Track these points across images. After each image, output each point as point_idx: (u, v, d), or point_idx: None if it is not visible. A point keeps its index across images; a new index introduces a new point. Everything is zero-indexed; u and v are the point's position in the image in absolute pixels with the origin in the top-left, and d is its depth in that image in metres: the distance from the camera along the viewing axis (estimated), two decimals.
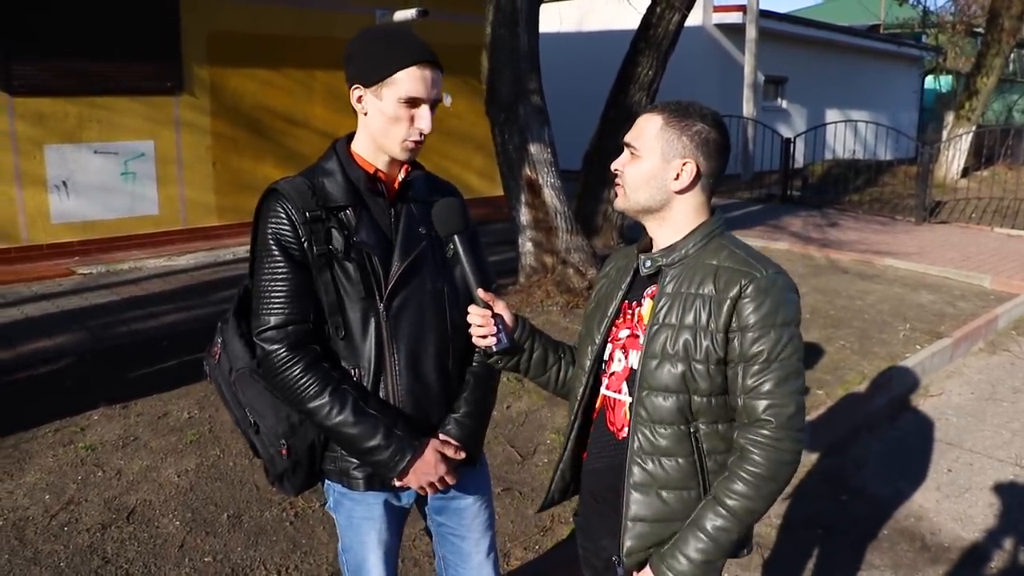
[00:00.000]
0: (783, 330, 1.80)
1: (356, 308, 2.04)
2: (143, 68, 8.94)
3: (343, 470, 2.13)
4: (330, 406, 1.98)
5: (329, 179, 2.07)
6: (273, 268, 2.00)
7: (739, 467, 1.81)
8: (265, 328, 2.00)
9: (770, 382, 1.79)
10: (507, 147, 7.37)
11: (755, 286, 1.80)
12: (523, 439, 4.65)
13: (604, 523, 2.03)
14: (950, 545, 4.04)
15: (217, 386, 2.18)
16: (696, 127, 1.88)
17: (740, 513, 1.80)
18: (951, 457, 4.99)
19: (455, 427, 2.17)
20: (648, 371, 1.88)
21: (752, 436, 1.80)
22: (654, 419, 1.88)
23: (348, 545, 2.22)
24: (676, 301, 1.88)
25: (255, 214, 2.07)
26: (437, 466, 2.09)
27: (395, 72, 1.99)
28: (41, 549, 3.46)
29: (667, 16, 8.30)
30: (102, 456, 4.28)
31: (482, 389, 2.24)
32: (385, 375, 2.07)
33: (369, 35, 2.09)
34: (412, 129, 2.04)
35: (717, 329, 1.82)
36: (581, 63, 16.76)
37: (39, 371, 5.47)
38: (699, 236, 1.91)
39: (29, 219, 8.41)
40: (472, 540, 2.30)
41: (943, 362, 6.57)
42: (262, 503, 3.86)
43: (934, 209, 13.14)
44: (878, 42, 23.34)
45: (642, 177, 1.91)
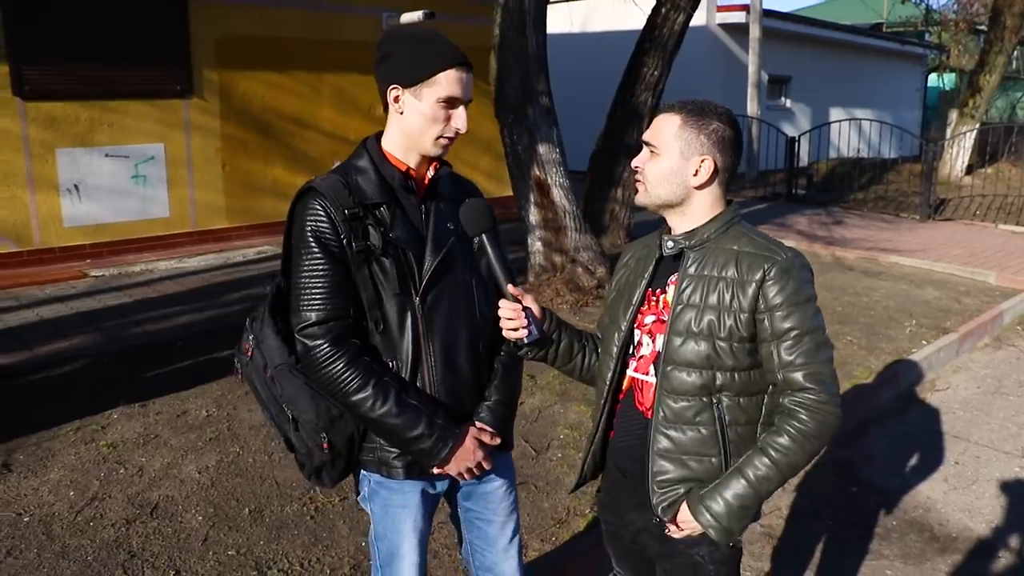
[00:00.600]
0: (807, 306, 1.94)
1: (393, 303, 2.10)
2: (153, 72, 9.02)
3: (383, 460, 2.19)
4: (374, 399, 2.04)
5: (363, 177, 2.12)
6: (313, 264, 2.04)
7: (787, 423, 1.93)
8: (307, 324, 2.04)
9: (805, 354, 1.92)
10: (516, 148, 7.43)
11: (778, 268, 1.93)
12: (537, 434, 4.72)
13: (631, 496, 2.13)
14: (958, 536, 4.10)
15: (250, 383, 2.22)
16: (712, 125, 1.99)
17: (782, 465, 1.92)
18: (958, 450, 5.05)
19: (488, 414, 2.25)
20: (672, 348, 2.00)
21: (799, 399, 1.92)
22: (678, 392, 1.99)
23: (382, 534, 2.27)
24: (699, 283, 1.99)
25: (290, 212, 2.12)
26: (475, 452, 2.17)
27: (436, 73, 2.05)
28: (68, 543, 3.53)
29: (672, 16, 8.36)
30: (123, 453, 4.36)
31: (511, 377, 2.32)
32: (422, 367, 2.14)
33: (403, 37, 2.15)
34: (448, 127, 2.11)
35: (742, 310, 1.94)
36: (587, 63, 16.83)
37: (56, 372, 5.54)
38: (719, 223, 2.04)
39: (42, 222, 8.50)
40: (498, 524, 2.37)
41: (949, 357, 6.63)
42: (283, 498, 3.93)
43: (938, 206, 13.19)
44: (881, 40, 23.37)
45: (662, 174, 2.01)
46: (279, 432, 2.21)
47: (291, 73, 10.07)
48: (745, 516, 1.95)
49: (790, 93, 20.28)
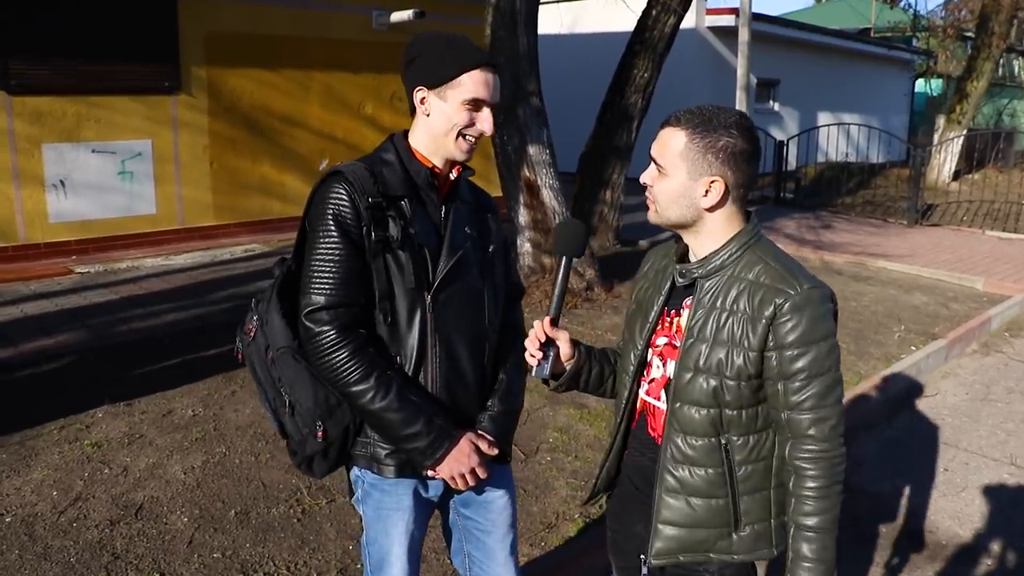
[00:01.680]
0: (820, 345, 1.83)
1: (404, 297, 2.08)
2: (141, 68, 8.96)
3: (374, 456, 2.15)
4: (375, 391, 2.01)
5: (389, 169, 2.12)
6: (330, 247, 2.02)
7: (802, 488, 1.87)
8: (315, 308, 2.01)
9: (812, 398, 1.84)
10: (506, 148, 7.41)
11: (790, 304, 1.82)
12: (526, 437, 4.69)
13: (642, 511, 2.08)
14: (947, 543, 4.10)
15: (250, 364, 2.20)
16: (721, 142, 1.85)
17: (826, 526, 1.86)
18: (947, 457, 5.05)
19: (489, 423, 2.22)
20: (682, 384, 1.92)
21: (803, 454, 1.86)
22: (686, 431, 1.93)
23: (373, 538, 2.24)
24: (711, 315, 1.90)
25: (312, 194, 2.10)
26: (471, 457, 2.13)
27: (460, 75, 2.05)
28: (51, 545, 3.48)
29: (663, 19, 8.36)
30: (108, 453, 4.31)
31: (514, 389, 2.30)
32: (426, 364, 2.12)
33: (430, 39, 2.13)
34: (472, 130, 2.10)
35: (751, 348, 1.85)
36: (577, 64, 16.82)
37: (41, 369, 5.48)
38: (734, 247, 1.92)
39: (27, 218, 8.42)
40: (498, 536, 2.34)
41: (938, 363, 6.65)
42: (269, 500, 3.89)
43: (926, 212, 13.25)
44: (869, 45, 23.47)
45: (671, 195, 1.91)
46: (274, 417, 2.17)
47: (280, 71, 10.02)
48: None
49: (778, 97, 20.32)
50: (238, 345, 2.23)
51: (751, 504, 1.96)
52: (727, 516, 1.95)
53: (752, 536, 1.97)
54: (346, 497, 3.90)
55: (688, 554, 1.98)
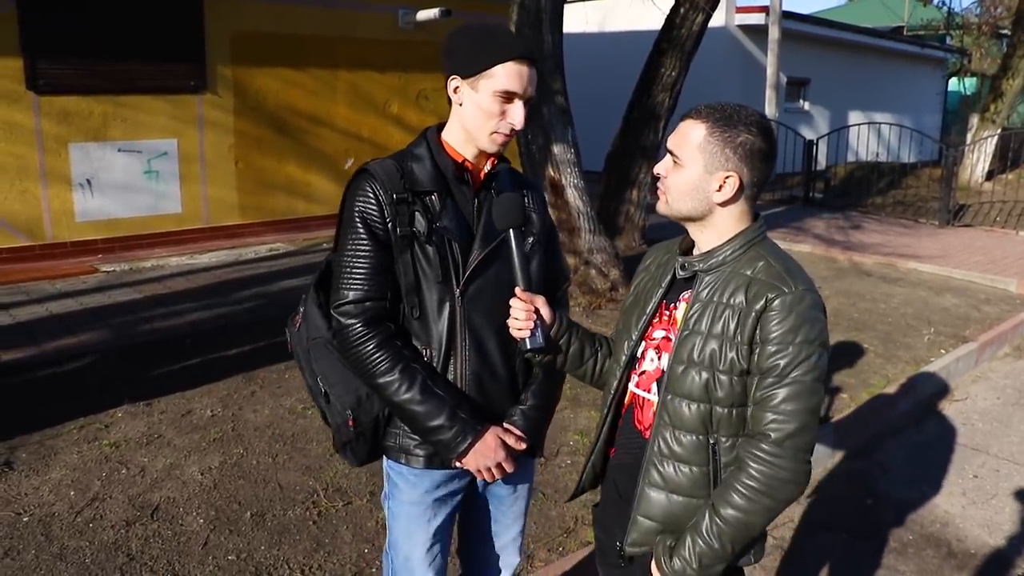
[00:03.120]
0: (802, 347, 1.78)
1: (433, 291, 2.09)
2: (167, 67, 8.99)
3: (404, 447, 2.18)
4: (399, 383, 2.04)
5: (418, 164, 2.12)
6: (356, 245, 2.06)
7: (736, 478, 1.82)
8: (343, 302, 2.06)
9: (778, 397, 1.78)
10: (530, 147, 7.36)
11: (781, 301, 1.80)
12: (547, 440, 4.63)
13: (619, 517, 2.05)
14: (976, 552, 4.00)
15: (295, 353, 2.26)
16: (740, 138, 1.84)
17: (734, 524, 1.80)
18: (977, 463, 4.93)
19: (521, 417, 2.22)
20: (675, 376, 1.90)
21: (751, 449, 1.81)
22: (676, 425, 1.90)
23: (395, 540, 2.27)
24: (708, 309, 1.88)
25: (344, 192, 2.13)
26: (496, 451, 2.12)
27: (493, 65, 2.02)
28: (67, 545, 3.48)
29: (691, 17, 8.27)
30: (126, 453, 4.31)
31: (550, 382, 2.28)
32: (455, 357, 2.13)
33: (469, 29, 2.12)
34: (503, 123, 2.07)
35: (742, 341, 1.82)
36: (603, 63, 16.73)
37: (63, 368, 5.50)
38: (738, 244, 1.91)
39: (54, 217, 8.48)
40: (504, 523, 2.38)
41: (968, 366, 6.51)
42: (285, 502, 3.87)
43: (958, 212, 13.03)
44: (901, 44, 23.17)
45: (684, 187, 1.89)
46: (317, 405, 2.23)
47: (306, 70, 10.02)
48: (710, 571, 1.84)
49: (808, 96, 20.11)
50: (287, 335, 2.30)
51: None
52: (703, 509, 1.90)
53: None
54: (363, 500, 3.89)
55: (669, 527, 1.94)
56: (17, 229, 8.27)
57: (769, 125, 1.91)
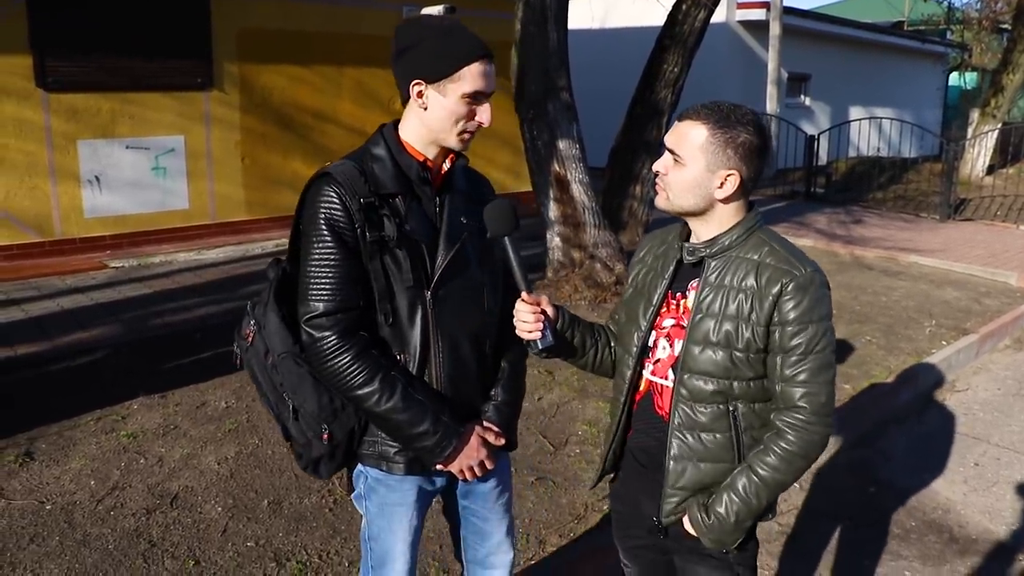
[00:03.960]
0: (819, 325, 1.95)
1: (404, 295, 2.06)
2: (174, 64, 9.06)
3: (383, 454, 2.15)
4: (380, 393, 2.01)
5: (379, 165, 2.08)
6: (324, 253, 1.99)
7: (774, 443, 1.97)
8: (315, 315, 2.00)
9: (806, 372, 1.95)
10: (536, 143, 7.43)
11: (795, 284, 1.94)
12: (555, 430, 4.72)
13: (645, 486, 2.16)
14: (978, 538, 4.08)
15: (250, 369, 2.18)
16: (740, 138, 1.96)
17: (770, 483, 1.98)
18: (978, 451, 5.01)
19: (494, 413, 2.24)
20: (691, 356, 2.00)
21: (788, 419, 1.97)
22: (695, 399, 2.01)
23: (376, 534, 2.26)
24: (719, 292, 1.99)
25: (302, 197, 2.07)
26: (479, 450, 2.16)
27: (460, 68, 2.01)
28: (90, 532, 3.56)
29: (693, 13, 8.32)
30: (143, 444, 4.39)
31: (516, 378, 2.32)
32: (429, 361, 2.12)
33: (425, 29, 2.08)
34: (471, 122, 2.08)
35: (759, 322, 1.95)
36: (606, 59, 16.78)
37: (77, 362, 5.58)
38: (740, 230, 2.03)
39: (63, 213, 8.56)
40: (494, 521, 2.39)
41: (969, 358, 6.59)
42: (301, 491, 3.95)
43: (959, 207, 13.10)
44: (902, 39, 23.21)
45: (686, 184, 2.00)
46: (277, 420, 2.16)
47: (312, 67, 10.09)
48: (739, 528, 2.02)
49: (809, 91, 20.16)
50: (236, 350, 2.22)
51: None
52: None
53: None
54: None
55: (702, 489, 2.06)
56: (27, 225, 8.34)
57: (763, 123, 2.03)
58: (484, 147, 11.36)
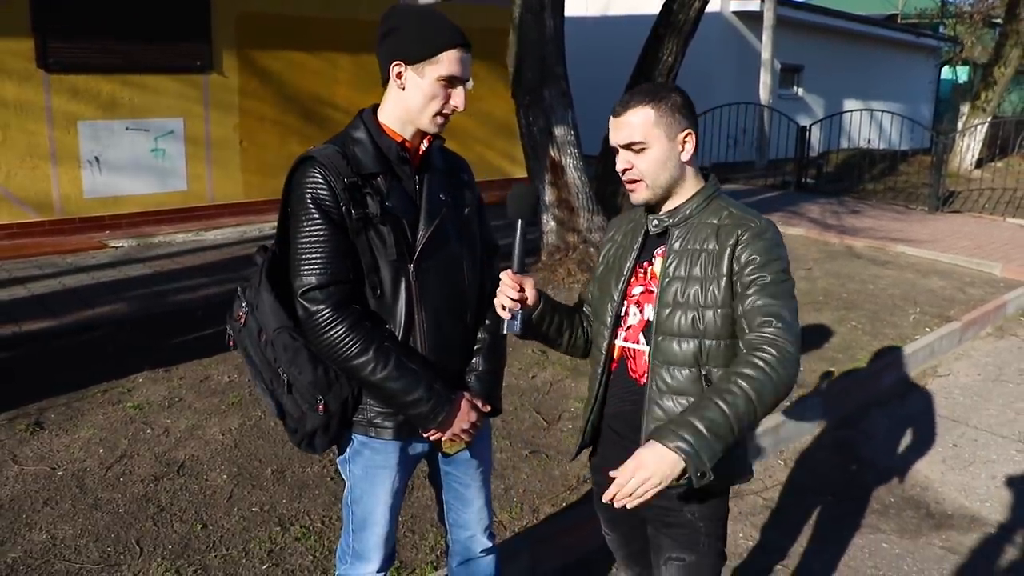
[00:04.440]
0: (777, 263, 2.04)
1: (388, 269, 2.18)
2: (174, 47, 9.16)
3: (371, 421, 2.26)
4: (375, 363, 2.11)
5: (360, 148, 2.19)
6: (313, 229, 2.10)
7: (751, 356, 1.94)
8: (308, 288, 2.09)
9: (769, 297, 2.01)
10: (532, 129, 7.55)
11: (750, 232, 2.06)
12: (548, 406, 4.87)
13: (621, 455, 2.13)
14: (953, 513, 4.24)
15: (243, 350, 2.27)
16: (678, 100, 2.12)
17: (752, 393, 1.88)
18: (957, 433, 5.18)
19: (477, 382, 2.38)
20: (662, 319, 2.12)
21: (762, 333, 1.96)
22: (671, 362, 2.11)
23: (359, 496, 2.36)
24: (684, 256, 2.12)
25: (288, 180, 2.18)
26: (469, 415, 2.30)
27: (439, 52, 2.13)
28: (101, 496, 3.70)
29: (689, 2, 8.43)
30: (149, 415, 4.53)
31: (496, 347, 2.44)
32: (414, 331, 2.23)
33: (409, 14, 2.20)
34: (447, 105, 2.19)
35: (720, 275, 2.06)
36: (604, 47, 16.88)
37: (82, 338, 5.70)
38: (700, 198, 2.17)
39: (63, 193, 8.66)
40: (475, 488, 2.51)
41: (951, 345, 6.76)
42: (303, 460, 4.09)
43: (948, 199, 13.26)
44: (895, 32, 23.35)
45: (658, 162, 2.12)
46: (271, 398, 2.23)
47: (310, 51, 10.19)
48: (716, 442, 1.84)
49: (802, 82, 20.30)
50: (229, 332, 2.31)
51: None
52: None
53: (728, 461, 2.01)
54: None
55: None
56: (27, 204, 8.45)
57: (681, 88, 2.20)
58: (483, 132, 11.50)
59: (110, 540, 3.40)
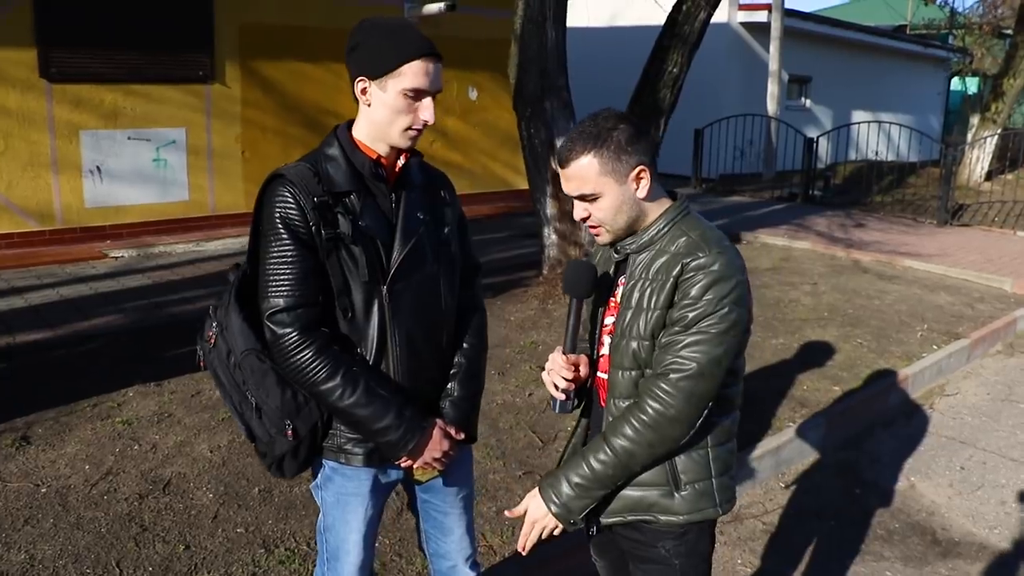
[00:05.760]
0: (712, 303, 1.91)
1: (360, 291, 2.11)
2: (176, 57, 9.13)
3: (341, 447, 2.20)
4: (342, 388, 2.05)
5: (332, 164, 2.12)
6: (282, 251, 2.03)
7: (632, 412, 1.95)
8: (276, 310, 2.03)
9: (682, 343, 1.92)
10: (533, 141, 7.48)
11: (696, 264, 1.93)
12: (544, 425, 4.78)
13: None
14: (960, 540, 4.13)
15: (212, 370, 2.20)
16: (622, 138, 1.97)
17: (620, 453, 1.95)
18: (964, 455, 5.07)
19: (451, 409, 2.29)
20: (615, 350, 2.05)
21: (648, 386, 1.94)
22: (616, 394, 2.05)
23: (331, 524, 2.30)
24: (637, 285, 2.03)
25: (258, 199, 2.11)
26: (442, 443, 2.22)
27: (400, 65, 2.04)
28: (83, 515, 3.62)
29: (694, 13, 8.36)
30: (138, 431, 4.45)
31: (474, 371, 2.36)
32: (386, 354, 2.16)
33: (371, 28, 2.10)
34: (415, 119, 2.10)
35: (657, 307, 1.96)
36: (609, 58, 16.84)
37: (76, 350, 5.64)
38: (662, 223, 2.05)
39: (64, 202, 8.62)
40: (454, 516, 2.43)
41: (960, 363, 6.64)
42: (291, 480, 3.99)
43: (957, 212, 13.13)
44: (904, 43, 23.25)
45: (613, 208, 2.02)
46: (240, 421, 2.19)
47: (313, 62, 10.14)
48: (584, 497, 1.98)
49: (810, 94, 20.22)
50: (199, 353, 2.24)
51: (688, 464, 2.04)
52: (665, 475, 2.03)
53: (694, 495, 2.05)
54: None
55: (633, 513, 2.07)
56: (28, 214, 8.41)
57: (619, 111, 2.06)
58: (485, 143, 11.43)
59: (90, 561, 3.32)
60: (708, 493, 2.06)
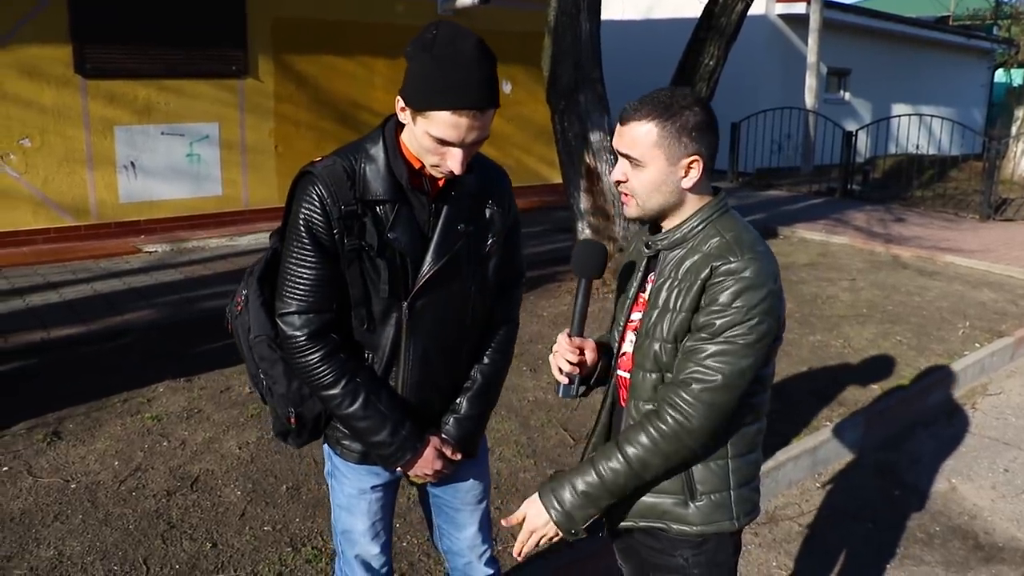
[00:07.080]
0: (740, 312, 1.81)
1: (380, 303, 2.06)
2: (209, 52, 9.16)
3: (338, 440, 2.22)
4: (341, 398, 2.04)
5: (371, 168, 2.00)
6: (302, 255, 1.99)
7: (649, 420, 1.87)
8: (288, 312, 2.02)
9: (706, 351, 1.83)
10: (567, 134, 7.40)
11: (726, 269, 1.83)
12: (576, 423, 4.71)
13: None
14: (1004, 545, 4.00)
15: (236, 336, 2.21)
16: (691, 121, 1.86)
17: (634, 462, 1.86)
18: (1008, 457, 4.92)
19: (454, 426, 2.24)
20: (638, 349, 1.97)
21: (669, 394, 1.86)
22: (638, 396, 1.97)
23: (337, 515, 2.34)
24: (665, 283, 1.93)
25: (290, 193, 2.05)
26: (435, 462, 2.19)
27: (431, 111, 1.88)
28: (111, 512, 3.62)
29: (731, 5, 8.22)
30: (167, 426, 4.45)
31: (487, 389, 2.28)
32: (397, 366, 2.13)
33: (422, 49, 1.91)
34: (443, 163, 1.95)
35: (682, 309, 1.87)
36: (644, 52, 16.70)
37: (108, 345, 5.67)
38: (696, 220, 1.94)
39: (99, 197, 8.69)
40: (467, 512, 2.38)
41: (1003, 361, 6.47)
42: (319, 477, 3.97)
43: (1000, 206, 12.85)
44: (946, 34, 22.81)
45: (652, 185, 1.91)
46: (255, 388, 2.23)
47: (346, 56, 10.15)
48: (589, 506, 1.88)
49: (849, 86, 19.91)
50: (227, 315, 2.25)
51: (706, 474, 1.95)
52: (681, 484, 1.95)
53: (709, 506, 1.96)
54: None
55: (645, 519, 2.00)
56: (64, 209, 8.48)
57: (703, 98, 1.94)
58: (520, 137, 11.39)
59: (117, 558, 3.31)
60: (725, 505, 1.97)
